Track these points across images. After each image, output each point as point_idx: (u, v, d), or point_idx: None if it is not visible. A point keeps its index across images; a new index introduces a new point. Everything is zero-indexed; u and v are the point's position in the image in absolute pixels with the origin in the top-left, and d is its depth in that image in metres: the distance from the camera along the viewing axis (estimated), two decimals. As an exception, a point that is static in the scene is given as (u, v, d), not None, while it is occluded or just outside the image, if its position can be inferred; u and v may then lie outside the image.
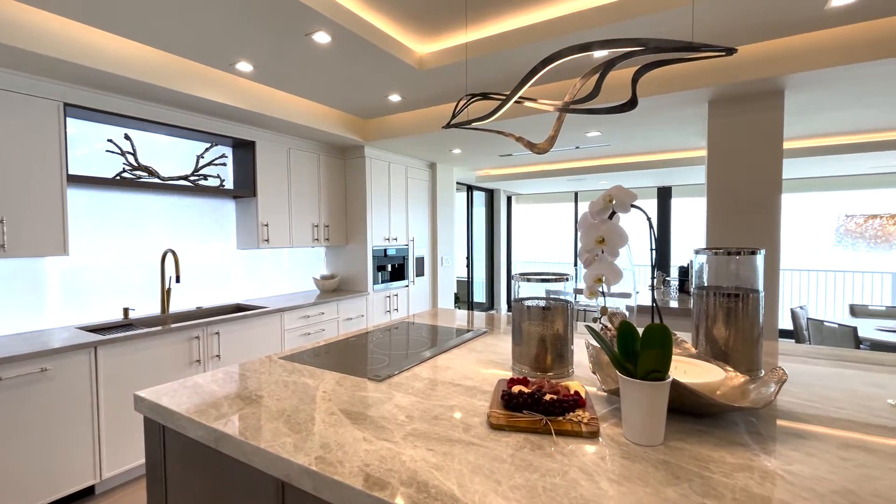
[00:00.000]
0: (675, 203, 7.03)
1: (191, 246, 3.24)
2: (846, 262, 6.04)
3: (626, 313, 1.68)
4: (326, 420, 1.01)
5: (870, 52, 2.18)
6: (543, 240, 8.72)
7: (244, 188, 3.42)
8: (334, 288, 4.16)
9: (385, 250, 4.47)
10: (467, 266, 7.55)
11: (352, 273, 4.29)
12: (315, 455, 0.85)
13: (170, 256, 3.06)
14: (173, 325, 2.54)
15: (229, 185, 3.46)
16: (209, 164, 3.19)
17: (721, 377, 1.02)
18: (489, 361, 1.49)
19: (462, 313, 2.40)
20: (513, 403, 1.01)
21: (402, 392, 1.19)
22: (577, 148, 4.77)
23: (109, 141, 2.68)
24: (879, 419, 0.99)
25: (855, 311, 4.83)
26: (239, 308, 3.39)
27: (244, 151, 3.42)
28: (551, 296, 1.37)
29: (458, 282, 7.30)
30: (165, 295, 2.95)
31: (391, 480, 0.75)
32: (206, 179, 3.17)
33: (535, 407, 0.99)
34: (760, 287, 1.26)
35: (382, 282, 4.38)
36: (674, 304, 3.79)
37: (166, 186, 2.85)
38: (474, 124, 1.49)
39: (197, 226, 3.28)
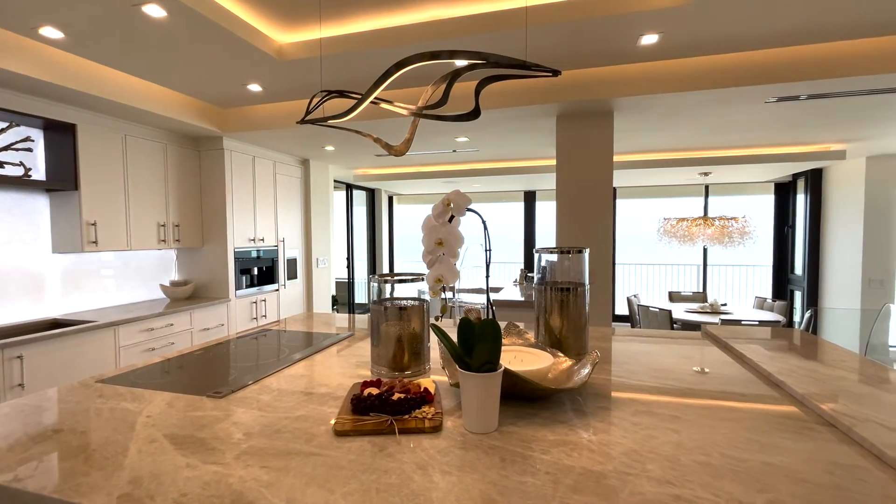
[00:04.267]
0: (540, 206, 7.77)
1: (-19, 250, 2.59)
2: (666, 256, 7.36)
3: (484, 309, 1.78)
4: (144, 449, 0.88)
5: (673, 84, 2.66)
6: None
7: (61, 180, 2.84)
8: (188, 295, 3.70)
9: (256, 252, 4.12)
10: (348, 267, 7.35)
11: (210, 278, 3.86)
12: (119, 493, 0.73)
13: (-54, 264, 2.40)
14: (-51, 352, 2.00)
15: (39, 175, 2.84)
16: (7, 147, 2.57)
17: (550, 363, 1.14)
18: (350, 365, 1.46)
19: (340, 316, 2.32)
20: (361, 407, 1.00)
21: (245, 407, 1.10)
22: (454, 151, 4.98)
23: None
24: (667, 386, 1.20)
25: (672, 297, 5.90)
26: (56, 324, 2.81)
27: (61, 135, 2.84)
28: (420, 296, 1.39)
29: (339, 283, 7.08)
30: (-61, 313, 2.31)
31: (211, 508, 0.68)
32: (3, 167, 2.56)
33: (382, 408, 0.99)
34: (586, 281, 1.45)
35: (247, 286, 4.03)
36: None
37: (-63, 174, 2.23)
38: (330, 122, 1.45)
39: (-10, 225, 2.63)
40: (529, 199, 7.70)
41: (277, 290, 4.45)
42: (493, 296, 4.69)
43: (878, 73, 2.40)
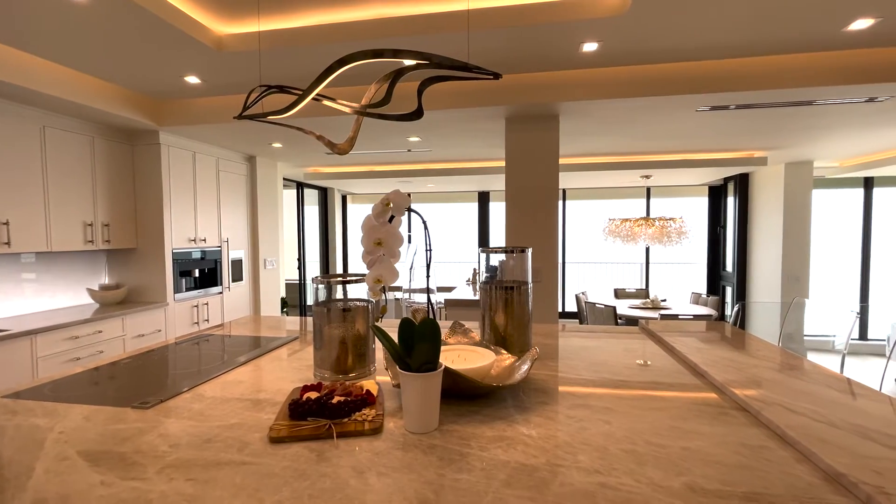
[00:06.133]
0: (493, 206, 7.89)
1: None
2: (612, 255, 7.71)
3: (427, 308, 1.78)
4: (52, 468, 0.81)
5: (613, 91, 2.79)
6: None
7: (-33, 174, 2.56)
8: (120, 300, 3.45)
9: (201, 253, 3.90)
10: (299, 268, 7.13)
11: (145, 281, 3.62)
12: (20, 518, 0.67)
13: None
14: None
15: (-61, 168, 2.54)
16: None
17: (491, 360, 1.16)
18: (294, 369, 1.42)
19: (290, 319, 2.23)
20: (298, 412, 0.97)
21: (175, 417, 1.04)
22: (408, 151, 4.95)
23: None
24: (603, 379, 1.26)
25: (617, 293, 6.18)
26: (-40, 335, 2.53)
27: (-35, 125, 2.56)
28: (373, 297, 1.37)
29: (290, 285, 6.84)
30: None
31: (125, 528, 0.64)
32: None
33: (321, 412, 0.97)
34: (529, 279, 1.49)
35: (188, 289, 3.81)
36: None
37: None
38: (270, 118, 1.39)
39: None
40: (483, 199, 7.81)
41: (221, 292, 4.24)
42: (446, 295, 4.72)
43: (793, 86, 2.63)
